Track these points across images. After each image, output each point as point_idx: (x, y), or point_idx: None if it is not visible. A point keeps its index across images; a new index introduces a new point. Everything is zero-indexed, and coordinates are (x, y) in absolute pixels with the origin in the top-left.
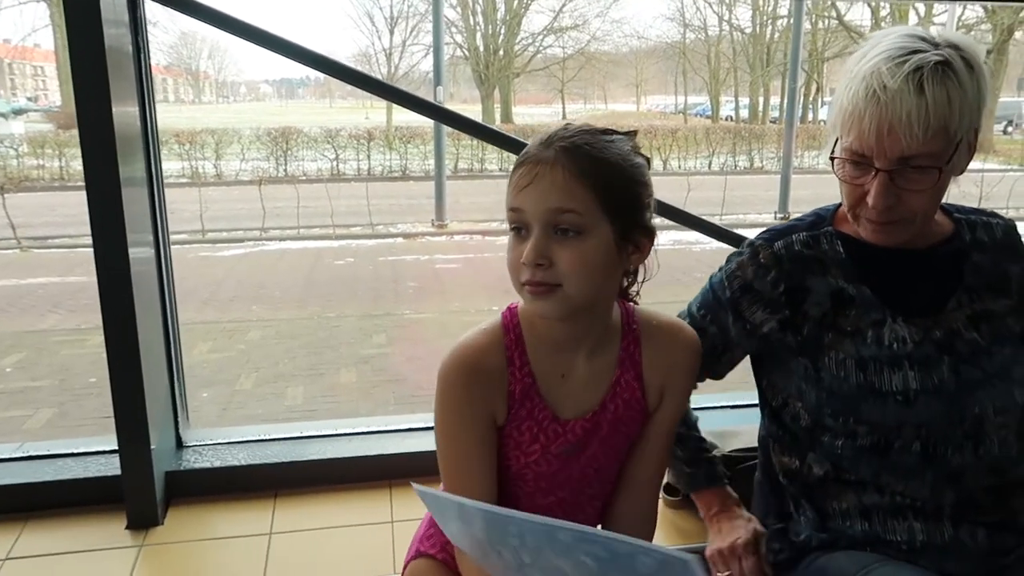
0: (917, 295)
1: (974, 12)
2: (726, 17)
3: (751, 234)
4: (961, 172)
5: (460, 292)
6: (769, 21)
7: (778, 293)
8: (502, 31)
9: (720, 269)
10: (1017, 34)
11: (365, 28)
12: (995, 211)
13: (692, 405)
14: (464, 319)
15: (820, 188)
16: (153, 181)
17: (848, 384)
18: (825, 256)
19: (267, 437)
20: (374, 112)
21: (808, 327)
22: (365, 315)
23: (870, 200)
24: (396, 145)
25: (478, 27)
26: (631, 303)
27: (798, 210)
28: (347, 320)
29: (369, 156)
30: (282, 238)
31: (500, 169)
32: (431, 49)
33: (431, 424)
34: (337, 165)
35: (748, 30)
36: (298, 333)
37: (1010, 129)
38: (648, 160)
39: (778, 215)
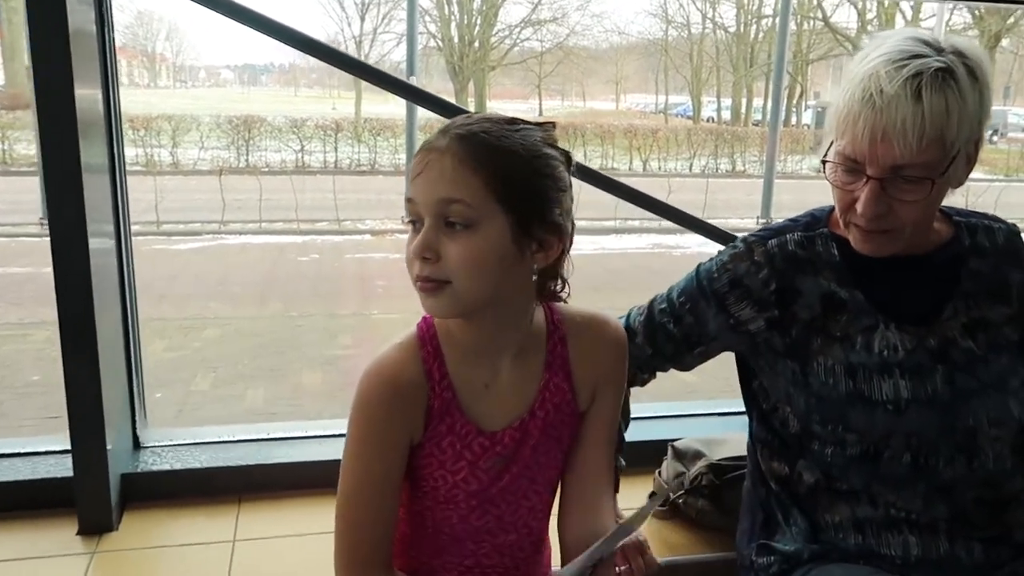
0: (912, 302)
1: (961, 17)
2: (710, 15)
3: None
4: (959, 184)
5: None
6: (754, 20)
7: (768, 292)
8: (478, 21)
9: (710, 259)
10: (1004, 41)
11: (334, 14)
12: (998, 216)
13: (679, 412)
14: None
15: (803, 194)
16: (115, 168)
17: (837, 391)
18: (818, 258)
19: (231, 439)
20: (342, 102)
21: (796, 329)
22: (331, 314)
23: (859, 207)
24: (365, 137)
25: (453, 17)
26: (554, 304)
27: (781, 216)
28: (312, 319)
29: (336, 148)
30: (243, 232)
31: None
32: (403, 38)
33: None
34: (302, 157)
35: (732, 29)
36: (259, 332)
37: (995, 138)
38: (567, 155)
39: (760, 220)
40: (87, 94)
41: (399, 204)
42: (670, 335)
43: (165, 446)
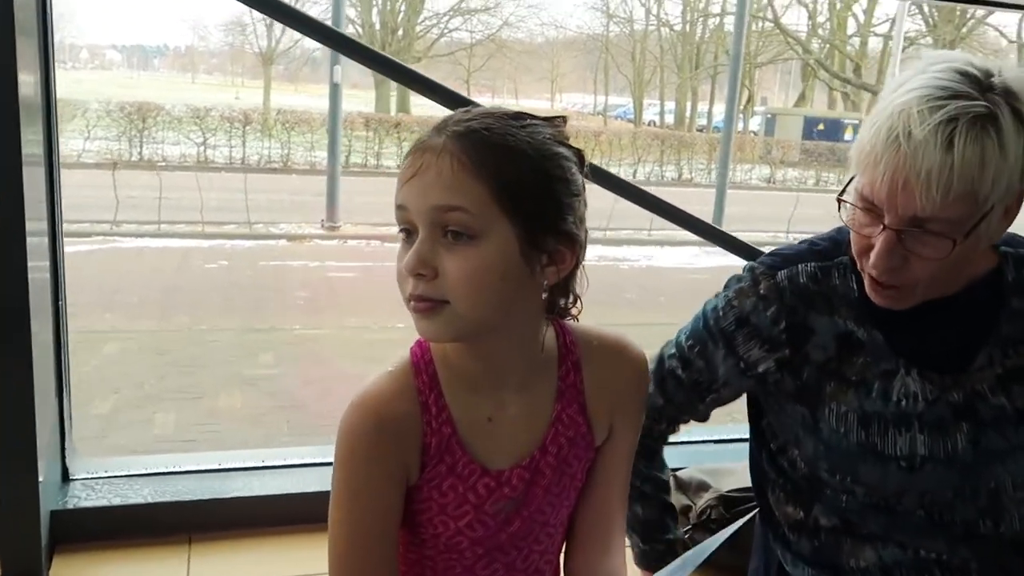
0: (939, 345)
1: (915, 26)
2: (654, 11)
3: (681, 254)
4: (993, 240)
5: (359, 305)
6: (700, 18)
7: (778, 330)
8: (402, 8)
9: (717, 295)
10: (957, 51)
11: None
12: None
13: (682, 438)
14: (366, 337)
15: (755, 206)
16: (52, 161)
17: (848, 441)
18: (834, 293)
19: (177, 469)
20: (246, 91)
21: (808, 371)
22: (247, 329)
23: (871, 257)
24: (277, 132)
25: (375, 2)
26: (566, 322)
27: (731, 229)
28: (225, 334)
29: (244, 142)
30: (139, 234)
31: (398, 166)
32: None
33: None
34: (205, 151)
35: (678, 27)
36: (165, 348)
37: None
38: (580, 154)
39: None
40: (27, 79)
41: (316, 206)
42: (680, 382)
43: (99, 478)
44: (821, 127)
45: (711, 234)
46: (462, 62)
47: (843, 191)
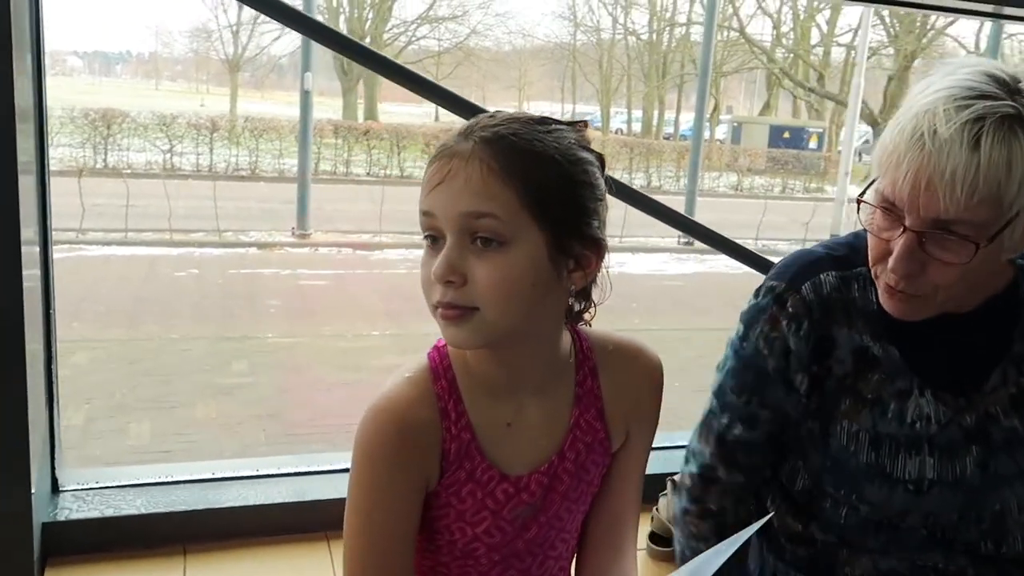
0: (954, 364)
1: (878, 36)
2: (621, 20)
3: (652, 260)
4: (1017, 251)
5: (332, 314)
6: (667, 28)
7: (809, 349)
8: (370, 15)
9: (740, 337)
10: (917, 62)
11: None
12: None
13: (674, 443)
14: (341, 345)
15: (724, 213)
16: (43, 169)
17: (856, 460)
18: (853, 305)
19: (171, 479)
20: (211, 98)
21: (829, 385)
22: (219, 337)
23: (890, 261)
24: (245, 139)
25: (342, 9)
26: (581, 327)
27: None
28: (198, 343)
29: (212, 149)
30: (106, 242)
31: (367, 174)
32: (284, 30)
33: None
34: (171, 158)
35: (644, 36)
36: (137, 357)
37: None
38: (602, 158)
39: (682, 240)
40: (22, 87)
41: (286, 214)
42: (752, 445)
43: (90, 489)
44: (787, 135)
45: (740, 252)
46: (430, 70)
47: (863, 192)
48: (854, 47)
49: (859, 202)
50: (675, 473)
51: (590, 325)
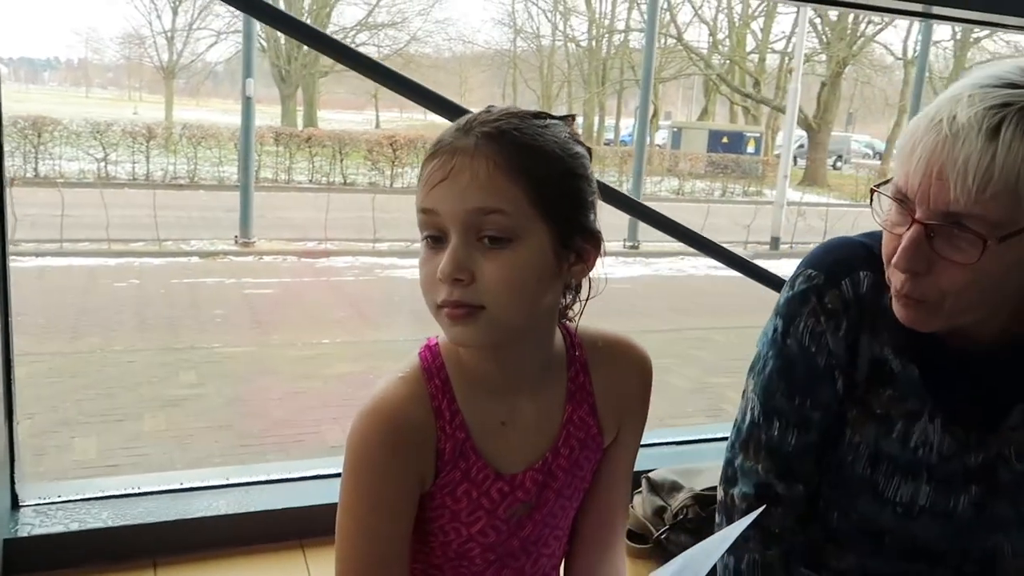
0: (975, 398)
1: (810, 43)
2: (561, 27)
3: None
4: None
5: (280, 323)
6: (606, 35)
7: (844, 349)
8: (308, 21)
9: (782, 332)
10: (848, 68)
11: (140, 4)
12: None
13: (648, 440)
14: (291, 354)
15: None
16: (2, 177)
17: (852, 470)
18: (882, 313)
19: (137, 491)
20: (144, 106)
21: (852, 391)
22: (165, 348)
23: (895, 256)
24: (182, 147)
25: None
26: (569, 324)
27: (646, 239)
28: (142, 355)
29: (148, 158)
30: (39, 253)
31: (310, 181)
32: (222, 36)
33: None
34: (106, 167)
35: (584, 43)
36: (79, 371)
37: (839, 164)
38: (589, 151)
39: (627, 243)
40: None
41: (227, 222)
42: (808, 452)
43: (52, 503)
44: (725, 140)
45: (726, 256)
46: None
47: (881, 183)
48: (788, 53)
49: (873, 192)
50: (650, 471)
51: (574, 321)
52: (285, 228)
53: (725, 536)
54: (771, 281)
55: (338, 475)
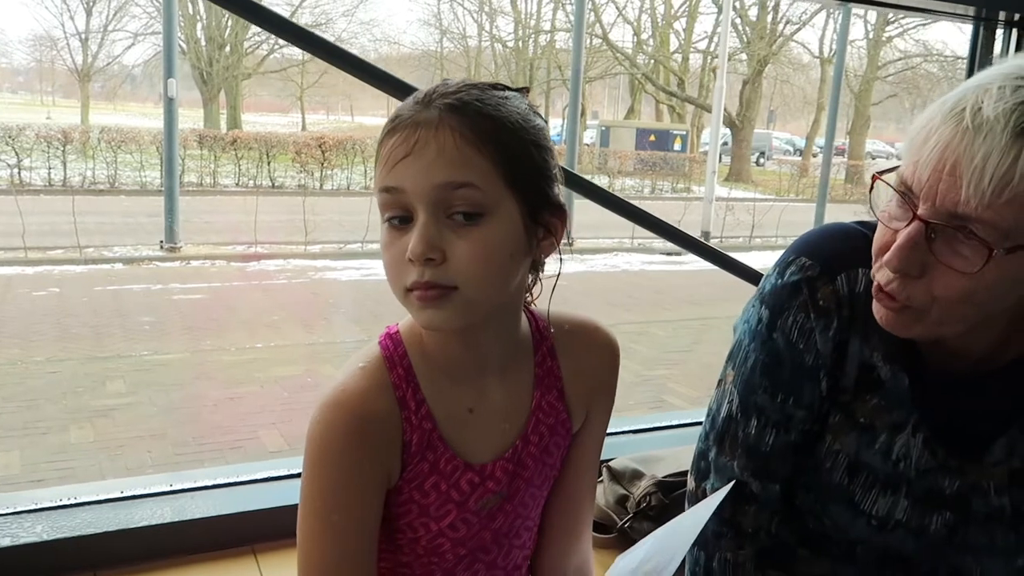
0: (963, 419)
1: (731, 43)
2: (487, 28)
3: None
4: None
5: (212, 328)
6: (532, 35)
7: (830, 348)
8: (229, 23)
9: (768, 324)
10: (768, 67)
11: (52, 4)
12: None
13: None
14: (224, 359)
15: (599, 215)
16: None
17: (828, 479)
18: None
19: (73, 501)
20: (58, 111)
21: (837, 395)
22: (90, 358)
23: (888, 253)
24: (101, 151)
25: (199, 16)
26: (532, 307)
27: (580, 236)
28: (66, 365)
29: (65, 163)
30: None
31: (237, 184)
32: (139, 37)
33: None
34: (19, 172)
35: (511, 43)
36: None
37: (763, 160)
38: (546, 123)
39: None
40: None
41: (151, 227)
42: (787, 451)
43: None
44: (653, 138)
45: (690, 243)
46: (294, 79)
47: (885, 171)
48: (711, 52)
49: (875, 179)
50: (610, 460)
51: (535, 303)
52: (212, 232)
53: (696, 518)
54: (747, 274)
55: (292, 476)
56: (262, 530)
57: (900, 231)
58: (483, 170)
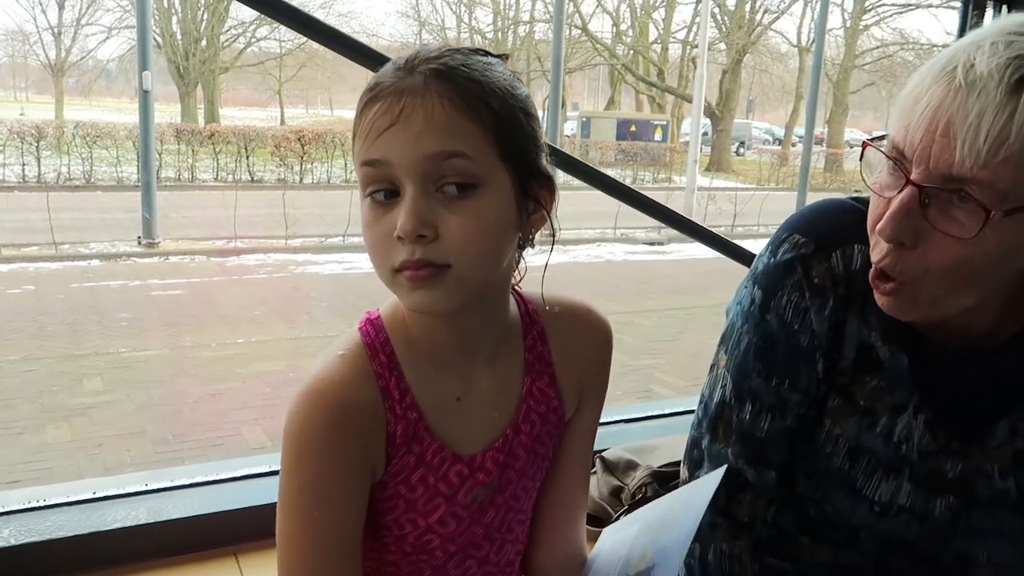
0: (965, 399)
1: (710, 33)
2: (466, 19)
3: None
4: None
5: (192, 324)
6: (511, 26)
7: (826, 328)
8: (205, 16)
9: (761, 305)
10: (747, 57)
11: None
12: None
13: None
14: (204, 355)
15: (581, 205)
16: None
17: (829, 464)
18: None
19: (44, 503)
20: (31, 107)
21: (834, 377)
22: (67, 356)
23: (881, 222)
24: (76, 147)
25: (174, 10)
26: (520, 288)
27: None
28: (42, 363)
29: (39, 159)
30: None
31: (215, 179)
32: (113, 32)
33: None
34: None
35: (490, 35)
36: None
37: (742, 150)
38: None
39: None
40: None
41: (128, 223)
42: (783, 437)
43: None
44: (633, 128)
45: (687, 226)
46: (272, 72)
47: (875, 138)
48: (690, 43)
49: (866, 146)
50: (604, 450)
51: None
52: (191, 227)
53: (691, 508)
54: (744, 257)
55: (274, 473)
56: (243, 530)
57: (893, 199)
58: (475, 138)
